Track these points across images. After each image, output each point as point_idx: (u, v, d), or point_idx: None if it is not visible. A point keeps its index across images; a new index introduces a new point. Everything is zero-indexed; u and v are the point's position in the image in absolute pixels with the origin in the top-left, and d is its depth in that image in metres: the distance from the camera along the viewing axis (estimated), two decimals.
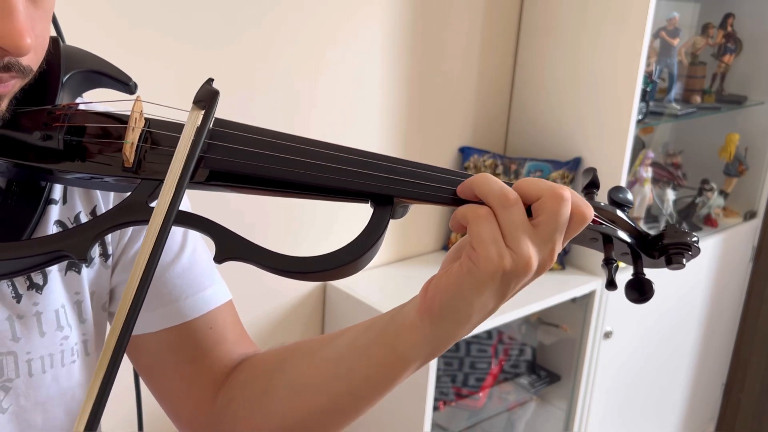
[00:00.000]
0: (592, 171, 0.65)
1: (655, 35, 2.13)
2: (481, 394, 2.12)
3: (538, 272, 0.57)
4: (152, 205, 0.55)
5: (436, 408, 1.95)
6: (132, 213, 0.55)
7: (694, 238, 0.62)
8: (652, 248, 0.63)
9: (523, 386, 2.21)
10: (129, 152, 0.56)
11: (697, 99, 2.35)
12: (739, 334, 2.77)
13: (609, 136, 1.95)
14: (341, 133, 1.76)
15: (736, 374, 2.81)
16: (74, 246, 0.54)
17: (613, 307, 2.10)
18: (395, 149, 1.90)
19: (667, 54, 2.19)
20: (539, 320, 2.22)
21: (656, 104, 2.19)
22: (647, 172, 2.24)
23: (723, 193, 2.53)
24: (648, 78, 2.01)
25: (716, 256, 2.45)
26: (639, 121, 2.02)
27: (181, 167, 0.52)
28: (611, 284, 0.60)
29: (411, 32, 1.85)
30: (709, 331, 2.60)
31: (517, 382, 2.21)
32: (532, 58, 2.09)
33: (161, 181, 0.55)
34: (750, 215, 2.58)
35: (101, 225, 0.55)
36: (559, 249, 0.57)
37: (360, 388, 0.64)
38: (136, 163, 0.57)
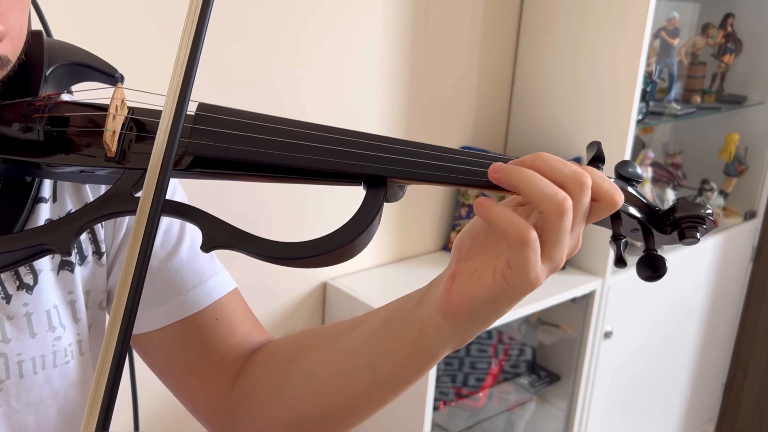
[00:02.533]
0: (597, 144, 0.62)
1: (655, 35, 2.13)
2: (481, 394, 2.12)
3: (566, 259, 0.55)
4: (137, 195, 0.53)
5: (436, 408, 1.95)
6: (116, 204, 0.53)
7: (708, 210, 0.59)
8: (664, 223, 0.60)
9: (523, 386, 2.20)
10: (110, 141, 0.54)
11: (697, 99, 2.35)
12: (739, 334, 2.77)
13: (609, 136, 1.95)
14: None
15: (736, 374, 2.81)
16: (56, 239, 0.52)
17: (613, 307, 2.10)
18: None
19: (667, 54, 2.19)
20: (539, 320, 2.22)
21: (656, 104, 2.19)
22: (647, 172, 2.24)
23: (723, 193, 2.53)
24: (648, 78, 2.01)
25: (716, 256, 2.45)
26: (639, 121, 2.02)
27: (163, 151, 0.49)
28: (620, 261, 0.57)
29: (411, 32, 1.85)
30: (709, 331, 2.60)
31: (517, 382, 2.21)
32: (532, 58, 2.09)
33: (145, 171, 0.53)
34: (750, 215, 2.58)
35: (84, 217, 0.53)
36: (581, 235, 0.54)
37: (385, 383, 0.63)
38: (119, 153, 0.55)
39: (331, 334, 0.69)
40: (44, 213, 0.63)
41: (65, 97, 0.63)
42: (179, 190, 0.72)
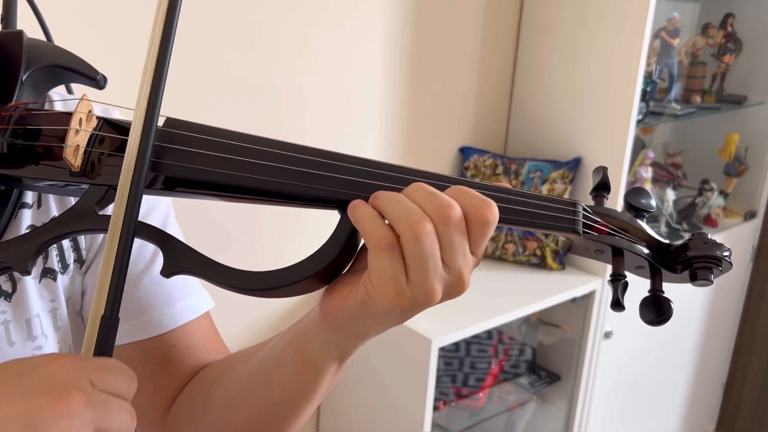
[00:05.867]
0: (602, 170, 0.58)
1: (655, 35, 2.13)
2: (481, 394, 2.12)
3: (448, 297, 0.51)
4: (101, 213, 0.51)
5: (436, 408, 1.95)
6: (77, 221, 0.51)
7: (726, 252, 0.54)
8: (675, 260, 0.55)
9: (523, 386, 2.20)
10: (72, 156, 0.51)
11: (697, 99, 2.35)
12: (739, 334, 2.77)
13: (609, 136, 1.95)
14: (340, 133, 1.76)
15: (736, 374, 2.81)
16: (15, 257, 0.50)
17: None
18: (395, 149, 1.90)
19: (667, 54, 2.19)
20: (539, 320, 2.22)
21: (656, 104, 2.19)
22: (647, 172, 2.24)
23: (723, 193, 2.53)
24: (648, 78, 2.01)
25: None
26: (639, 121, 2.02)
27: (131, 173, 0.47)
28: (617, 305, 0.53)
29: (411, 32, 1.85)
30: (709, 331, 2.60)
31: (517, 382, 2.21)
32: (532, 58, 2.09)
33: (110, 187, 0.51)
34: (750, 215, 2.58)
35: (43, 236, 0.51)
36: (469, 270, 0.50)
37: (280, 397, 0.61)
38: (87, 167, 0.52)
39: (248, 352, 0.67)
40: (27, 219, 0.61)
41: (57, 105, 0.61)
42: (162, 205, 0.70)
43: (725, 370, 2.82)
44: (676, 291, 0.57)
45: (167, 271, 0.51)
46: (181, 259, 0.51)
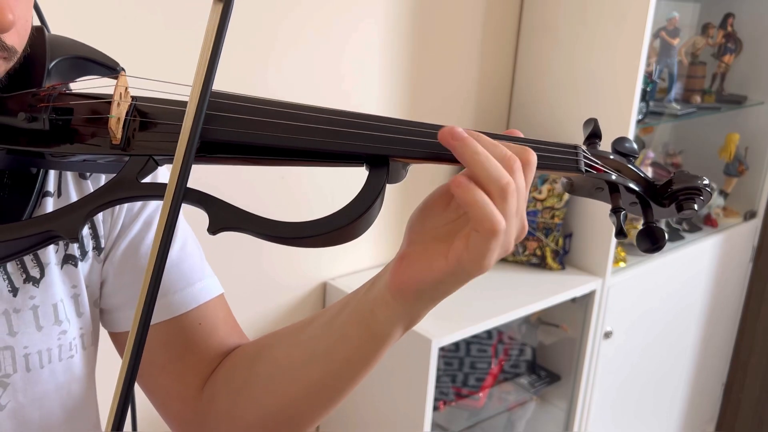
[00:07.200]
0: (593, 121, 0.64)
1: (655, 35, 2.13)
2: (481, 394, 2.12)
3: (515, 242, 0.55)
4: (143, 181, 0.55)
5: (436, 408, 1.95)
6: (122, 190, 0.54)
7: (705, 181, 0.60)
8: (662, 196, 0.61)
9: (523, 386, 2.20)
10: (115, 127, 0.55)
11: (697, 99, 2.35)
12: (739, 334, 2.77)
13: (609, 135, 1.94)
14: None
15: (736, 374, 2.81)
16: (64, 225, 0.53)
17: (613, 307, 2.10)
18: None
19: (667, 54, 2.19)
20: (539, 320, 2.22)
21: (656, 104, 2.19)
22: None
23: (723, 193, 2.54)
24: (648, 78, 2.01)
25: (716, 256, 2.45)
26: (639, 121, 2.02)
27: (186, 139, 0.51)
28: (620, 233, 0.59)
29: (411, 32, 1.85)
30: (709, 331, 2.60)
31: (517, 382, 2.21)
32: (532, 58, 2.09)
33: (150, 157, 0.55)
34: (750, 215, 2.58)
35: (92, 203, 0.54)
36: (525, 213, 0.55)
37: (340, 370, 0.64)
38: (124, 140, 0.56)
39: (292, 329, 0.70)
40: (49, 207, 0.64)
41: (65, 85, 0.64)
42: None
43: (725, 370, 2.83)
44: (676, 289, 0.58)
45: (214, 228, 0.53)
46: (225, 215, 0.53)
